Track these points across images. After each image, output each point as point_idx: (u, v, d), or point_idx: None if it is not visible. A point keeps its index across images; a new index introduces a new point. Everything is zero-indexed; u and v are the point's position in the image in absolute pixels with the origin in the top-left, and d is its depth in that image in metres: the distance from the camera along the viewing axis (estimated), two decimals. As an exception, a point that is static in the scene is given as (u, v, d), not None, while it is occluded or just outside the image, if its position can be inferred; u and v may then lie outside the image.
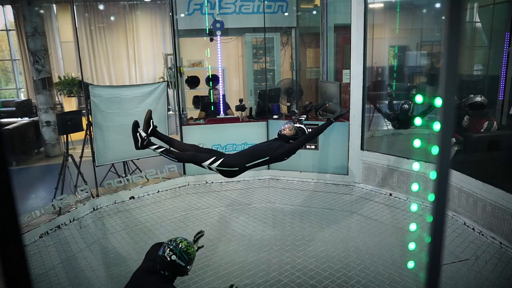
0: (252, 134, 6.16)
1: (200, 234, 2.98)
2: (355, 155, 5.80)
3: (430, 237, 0.94)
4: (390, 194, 5.43)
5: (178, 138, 5.99)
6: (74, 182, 5.24)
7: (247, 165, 3.74)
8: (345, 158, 5.87)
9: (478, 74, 7.06)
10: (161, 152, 3.64)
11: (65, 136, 5.52)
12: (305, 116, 4.60)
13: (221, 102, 6.67)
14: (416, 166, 3.80)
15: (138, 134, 3.65)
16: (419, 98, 4.07)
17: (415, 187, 3.95)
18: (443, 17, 0.84)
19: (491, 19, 6.62)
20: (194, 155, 3.79)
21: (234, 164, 3.70)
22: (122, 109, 5.48)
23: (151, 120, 3.75)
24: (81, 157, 5.44)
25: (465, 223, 4.42)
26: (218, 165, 3.63)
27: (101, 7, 11.81)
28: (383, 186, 5.56)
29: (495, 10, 6.58)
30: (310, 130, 4.14)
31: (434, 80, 6.17)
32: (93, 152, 5.33)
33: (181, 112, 6.09)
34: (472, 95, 5.10)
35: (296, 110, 6.26)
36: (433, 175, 0.93)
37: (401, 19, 7.03)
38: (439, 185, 0.92)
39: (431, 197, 0.93)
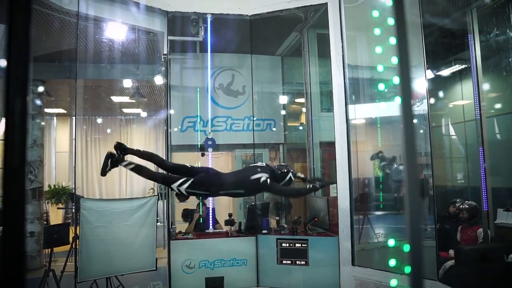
0: (241, 248, 6.04)
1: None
2: (346, 271, 5.66)
3: None
4: (386, 315, 5.18)
5: (165, 252, 5.86)
6: (52, 301, 4.95)
7: (220, 192, 3.71)
8: (337, 275, 5.71)
9: (462, 183, 7.36)
10: (132, 168, 3.66)
11: (49, 249, 5.38)
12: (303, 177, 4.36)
13: (210, 216, 6.66)
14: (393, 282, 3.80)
15: (109, 160, 3.73)
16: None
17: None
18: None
19: (464, 134, 7.18)
20: (165, 176, 3.80)
21: (206, 189, 3.63)
22: (111, 222, 5.43)
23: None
24: (62, 271, 5.23)
25: None
26: (187, 187, 3.51)
27: (99, 120, 12.46)
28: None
29: (466, 127, 7.16)
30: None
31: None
32: (76, 267, 5.13)
33: (170, 226, 6.04)
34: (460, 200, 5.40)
35: (285, 225, 6.28)
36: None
37: (382, 134, 7.52)
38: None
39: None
